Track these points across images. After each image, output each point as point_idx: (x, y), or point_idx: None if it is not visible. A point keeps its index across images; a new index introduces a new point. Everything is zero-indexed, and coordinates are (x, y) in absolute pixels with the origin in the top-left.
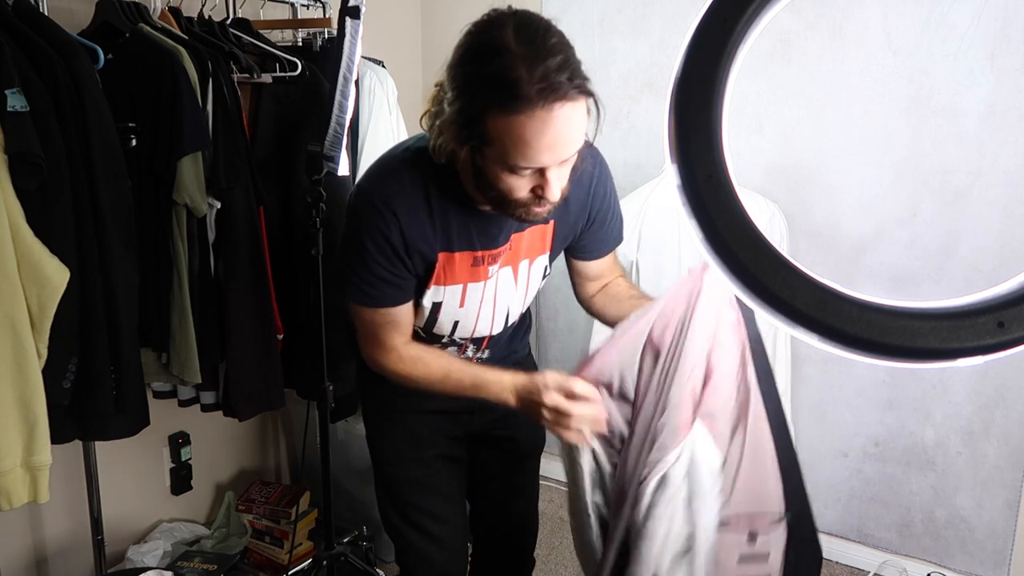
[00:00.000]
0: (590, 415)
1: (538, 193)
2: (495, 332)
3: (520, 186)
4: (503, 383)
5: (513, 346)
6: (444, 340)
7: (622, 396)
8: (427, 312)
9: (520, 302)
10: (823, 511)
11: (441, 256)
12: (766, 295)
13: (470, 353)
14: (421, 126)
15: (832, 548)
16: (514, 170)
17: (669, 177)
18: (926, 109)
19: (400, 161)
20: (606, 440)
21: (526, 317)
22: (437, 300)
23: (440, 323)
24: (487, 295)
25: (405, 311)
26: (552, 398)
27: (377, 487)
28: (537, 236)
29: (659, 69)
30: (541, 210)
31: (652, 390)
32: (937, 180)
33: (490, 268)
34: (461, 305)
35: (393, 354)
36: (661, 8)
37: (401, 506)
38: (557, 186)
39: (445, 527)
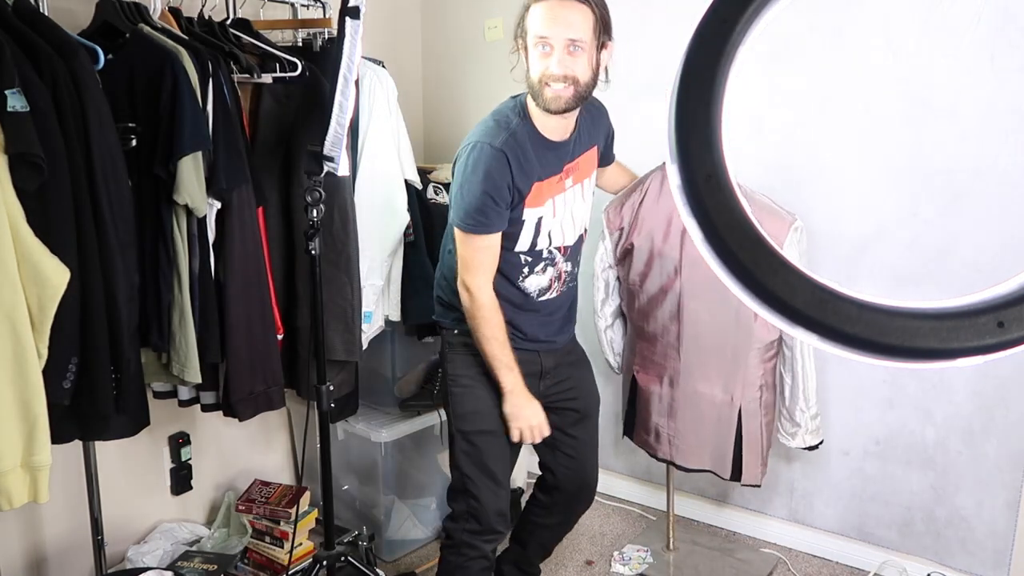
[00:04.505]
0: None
1: (546, 75)
2: (571, 242)
3: (536, 64)
4: (516, 380)
5: (574, 271)
6: (544, 256)
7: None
8: (533, 226)
9: (585, 213)
10: (824, 510)
11: (534, 186)
12: (766, 295)
13: (559, 263)
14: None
15: (832, 547)
16: (535, 44)
17: (670, 176)
18: (926, 109)
19: (510, 109)
20: None
21: (577, 267)
22: (540, 215)
23: (542, 235)
24: (567, 205)
25: (499, 238)
26: (523, 427)
27: (454, 444)
28: (589, 159)
29: (659, 69)
30: (554, 94)
31: None
32: (937, 180)
33: (565, 182)
34: (554, 215)
35: (485, 288)
36: (661, 8)
37: (477, 455)
38: (556, 64)
39: (507, 472)
